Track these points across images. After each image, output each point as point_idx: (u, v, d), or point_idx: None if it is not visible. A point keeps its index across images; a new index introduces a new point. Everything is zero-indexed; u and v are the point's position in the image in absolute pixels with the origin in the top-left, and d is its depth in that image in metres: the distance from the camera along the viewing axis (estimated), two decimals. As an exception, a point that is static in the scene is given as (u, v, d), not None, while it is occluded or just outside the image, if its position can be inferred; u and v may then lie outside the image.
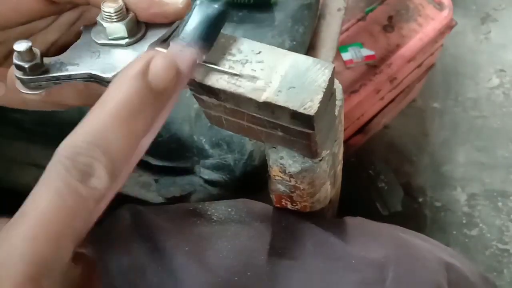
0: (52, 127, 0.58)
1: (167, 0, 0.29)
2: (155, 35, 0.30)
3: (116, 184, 0.25)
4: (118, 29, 0.29)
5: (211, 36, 0.29)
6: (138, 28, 0.30)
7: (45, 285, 0.22)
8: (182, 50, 0.27)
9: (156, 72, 0.25)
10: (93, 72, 0.29)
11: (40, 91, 0.30)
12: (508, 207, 1.23)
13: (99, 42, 0.30)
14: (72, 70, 0.29)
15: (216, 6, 0.28)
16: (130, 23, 0.29)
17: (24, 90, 0.30)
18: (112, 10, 0.29)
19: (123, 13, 0.29)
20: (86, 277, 0.26)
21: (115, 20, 0.29)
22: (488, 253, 1.18)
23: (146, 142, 0.26)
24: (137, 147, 0.25)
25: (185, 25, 0.28)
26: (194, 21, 0.28)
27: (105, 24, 0.29)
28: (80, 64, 0.29)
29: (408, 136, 1.31)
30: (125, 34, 0.29)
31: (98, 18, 0.29)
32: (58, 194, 0.22)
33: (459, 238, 1.20)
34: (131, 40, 0.30)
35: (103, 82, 0.29)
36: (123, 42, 0.30)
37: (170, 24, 0.30)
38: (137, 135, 0.25)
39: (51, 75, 0.29)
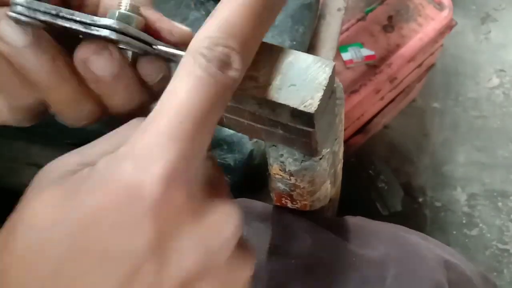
0: (52, 127, 0.58)
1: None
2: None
3: (244, 73, 0.25)
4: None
5: None
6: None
7: (191, 168, 0.23)
8: None
9: None
10: (116, 26, 0.27)
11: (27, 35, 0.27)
12: (508, 207, 1.23)
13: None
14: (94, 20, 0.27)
15: None
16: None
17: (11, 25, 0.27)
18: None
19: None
20: (215, 173, 0.26)
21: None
22: (488, 253, 1.18)
23: (266, 28, 0.27)
24: (262, 37, 0.26)
25: None
26: None
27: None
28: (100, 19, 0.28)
29: (408, 136, 1.31)
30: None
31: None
32: (201, 82, 0.23)
33: (459, 238, 1.20)
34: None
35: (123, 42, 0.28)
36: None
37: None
38: (264, 24, 0.26)
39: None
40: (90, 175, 0.22)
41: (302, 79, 0.28)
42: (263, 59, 0.29)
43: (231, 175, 0.56)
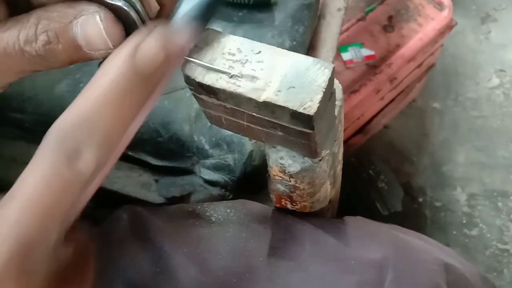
0: (52, 127, 0.58)
1: None
2: None
3: (103, 169, 0.25)
4: None
5: (204, 19, 0.28)
6: None
7: (29, 264, 0.23)
8: (173, 33, 0.27)
9: (143, 56, 0.25)
10: None
11: None
12: (508, 207, 1.23)
13: None
14: None
15: None
16: None
17: None
18: None
19: None
20: (79, 257, 0.26)
21: None
22: (488, 253, 1.18)
23: (134, 127, 0.26)
24: (125, 132, 0.25)
25: (178, 7, 0.28)
26: (186, 4, 0.28)
27: None
28: None
29: (408, 136, 1.31)
30: None
31: None
32: (43, 177, 0.23)
33: (459, 238, 1.20)
34: None
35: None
36: None
37: None
38: (124, 119, 0.25)
39: None
40: None
41: (302, 81, 0.28)
42: (262, 61, 0.29)
43: (231, 175, 0.56)
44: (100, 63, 0.34)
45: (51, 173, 0.23)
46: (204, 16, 0.28)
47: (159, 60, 0.25)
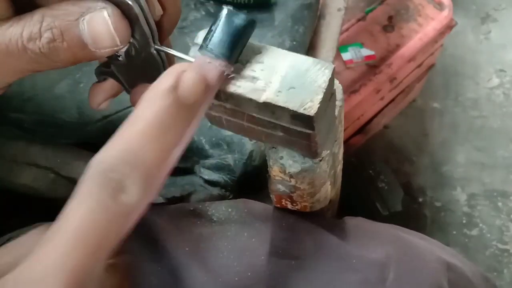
0: (52, 127, 0.58)
1: None
2: None
3: (148, 197, 0.25)
4: None
5: (238, 48, 0.29)
6: None
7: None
8: (210, 62, 0.27)
9: (186, 87, 0.25)
10: None
11: None
12: (508, 207, 1.23)
13: None
14: None
15: (243, 16, 0.28)
16: None
17: None
18: None
19: None
20: (120, 285, 0.27)
21: None
22: (488, 253, 1.18)
23: (177, 153, 0.27)
24: (167, 161, 0.26)
25: (212, 35, 0.28)
26: (222, 32, 0.28)
27: None
28: None
29: (408, 136, 1.31)
30: None
31: None
32: (90, 211, 0.23)
33: (459, 238, 1.20)
34: None
35: None
36: None
37: None
38: (168, 150, 0.25)
39: None
40: None
41: (302, 82, 0.28)
42: (262, 61, 0.29)
43: (231, 175, 0.56)
44: (98, 67, 0.34)
45: (97, 207, 0.23)
46: (241, 40, 0.29)
47: (201, 90, 0.26)
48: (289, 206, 0.44)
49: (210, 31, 0.28)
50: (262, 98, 0.28)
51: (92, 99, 0.36)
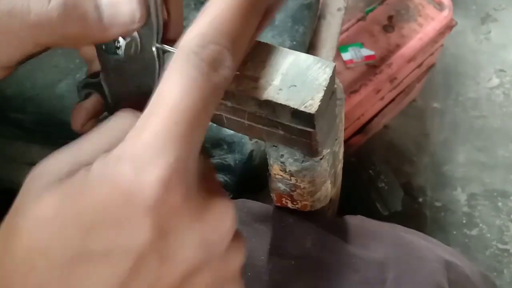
0: (52, 127, 0.58)
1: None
2: None
3: (235, 72, 0.25)
4: None
5: None
6: None
7: (189, 164, 0.23)
8: None
9: None
10: None
11: None
12: (508, 207, 1.23)
13: None
14: None
15: None
16: None
17: None
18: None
19: None
20: (208, 168, 0.26)
21: None
22: (488, 253, 1.18)
23: (257, 34, 0.27)
24: (251, 38, 0.26)
25: None
26: None
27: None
28: None
29: (408, 136, 1.31)
30: None
31: None
32: (194, 82, 0.23)
33: (459, 238, 1.20)
34: None
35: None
36: None
37: None
38: (252, 22, 0.25)
39: None
40: (88, 179, 0.22)
41: (303, 80, 0.28)
42: (263, 59, 0.29)
43: (231, 175, 0.56)
44: (83, 80, 0.34)
45: (201, 78, 0.23)
46: None
47: None
48: (290, 205, 0.44)
49: None
50: (263, 96, 0.28)
51: (74, 120, 0.35)
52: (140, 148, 0.22)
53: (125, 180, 0.21)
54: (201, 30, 0.23)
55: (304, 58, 0.29)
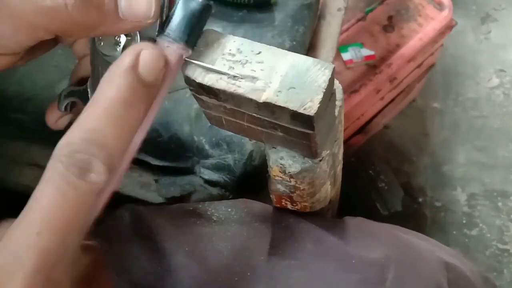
0: (52, 127, 0.58)
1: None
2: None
3: (114, 178, 0.25)
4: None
5: (195, 31, 0.29)
6: None
7: (54, 275, 0.23)
8: (169, 45, 0.28)
9: (145, 64, 0.26)
10: None
11: None
12: (508, 207, 1.23)
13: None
14: None
15: (198, 1, 0.29)
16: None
17: None
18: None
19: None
20: (95, 266, 0.27)
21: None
22: (488, 253, 1.18)
23: (140, 136, 0.27)
24: (131, 141, 0.26)
25: (169, 21, 0.28)
26: (178, 17, 0.28)
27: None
28: None
29: (408, 136, 1.31)
30: None
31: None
32: (59, 191, 0.23)
33: (459, 238, 1.20)
34: None
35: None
36: None
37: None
38: (130, 129, 0.25)
39: None
40: None
41: (302, 82, 0.28)
42: (262, 61, 0.29)
43: (231, 175, 0.56)
44: (66, 89, 0.34)
45: (66, 187, 0.23)
46: (197, 24, 0.29)
47: (160, 66, 0.26)
48: (289, 206, 0.44)
49: (167, 17, 0.29)
50: (262, 98, 0.28)
51: (48, 117, 0.36)
52: (6, 256, 0.23)
53: None
54: (69, 138, 0.24)
55: (303, 60, 0.29)
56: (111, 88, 0.25)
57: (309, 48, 0.66)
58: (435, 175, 1.27)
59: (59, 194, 0.23)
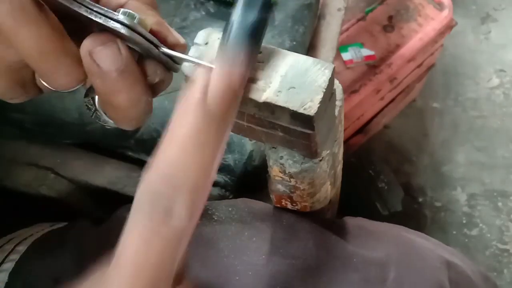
0: (52, 127, 0.58)
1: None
2: None
3: (195, 216, 0.25)
4: None
5: (256, 42, 0.28)
6: None
7: None
8: (234, 63, 0.26)
9: (215, 99, 0.25)
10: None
11: None
12: (508, 207, 1.23)
13: None
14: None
15: (257, 12, 0.27)
16: None
17: None
18: None
19: None
20: None
21: None
22: (488, 253, 1.18)
23: (216, 167, 0.27)
24: (210, 175, 0.25)
25: (229, 34, 0.27)
26: (238, 30, 0.27)
27: None
28: None
29: (408, 136, 1.31)
30: None
31: None
32: (145, 241, 0.23)
33: (459, 238, 1.20)
34: None
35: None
36: None
37: None
38: (208, 165, 0.25)
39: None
40: None
41: (302, 82, 0.28)
42: (262, 61, 0.29)
43: (231, 175, 0.56)
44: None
45: (151, 236, 0.23)
46: (256, 38, 0.28)
47: (230, 97, 0.25)
48: (289, 206, 0.44)
49: (227, 24, 0.27)
50: (262, 98, 0.28)
51: None
52: None
53: None
54: (150, 183, 0.24)
55: (303, 59, 0.29)
56: (182, 126, 0.25)
57: (309, 48, 0.66)
58: (435, 175, 1.27)
59: (146, 245, 0.23)
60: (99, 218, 0.50)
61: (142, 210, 0.24)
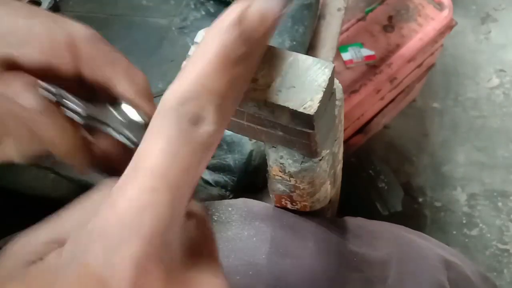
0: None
1: None
2: None
3: (223, 128, 0.24)
4: None
5: None
6: None
7: (168, 238, 0.21)
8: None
9: (252, 20, 0.24)
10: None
11: None
12: (508, 207, 1.23)
13: None
14: None
15: None
16: None
17: None
18: None
19: None
20: (201, 232, 0.25)
21: None
22: (488, 253, 1.18)
23: (245, 86, 0.26)
24: (238, 92, 0.24)
25: None
26: None
27: None
28: None
29: (408, 136, 1.31)
30: None
31: None
32: (172, 143, 0.21)
33: (459, 238, 1.20)
34: None
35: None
36: None
37: None
38: (237, 81, 0.24)
39: None
40: (58, 266, 0.21)
41: (302, 81, 0.28)
42: (262, 61, 0.29)
43: (231, 175, 0.56)
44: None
45: (178, 139, 0.22)
46: None
47: (269, 23, 0.24)
48: (289, 205, 0.44)
49: None
50: (262, 97, 0.28)
51: None
52: (113, 222, 0.20)
53: (96, 264, 0.20)
54: (180, 86, 0.23)
55: (303, 59, 0.29)
56: (214, 43, 0.23)
57: (309, 48, 0.66)
58: (435, 175, 1.27)
59: (172, 146, 0.21)
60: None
61: (169, 114, 0.22)
